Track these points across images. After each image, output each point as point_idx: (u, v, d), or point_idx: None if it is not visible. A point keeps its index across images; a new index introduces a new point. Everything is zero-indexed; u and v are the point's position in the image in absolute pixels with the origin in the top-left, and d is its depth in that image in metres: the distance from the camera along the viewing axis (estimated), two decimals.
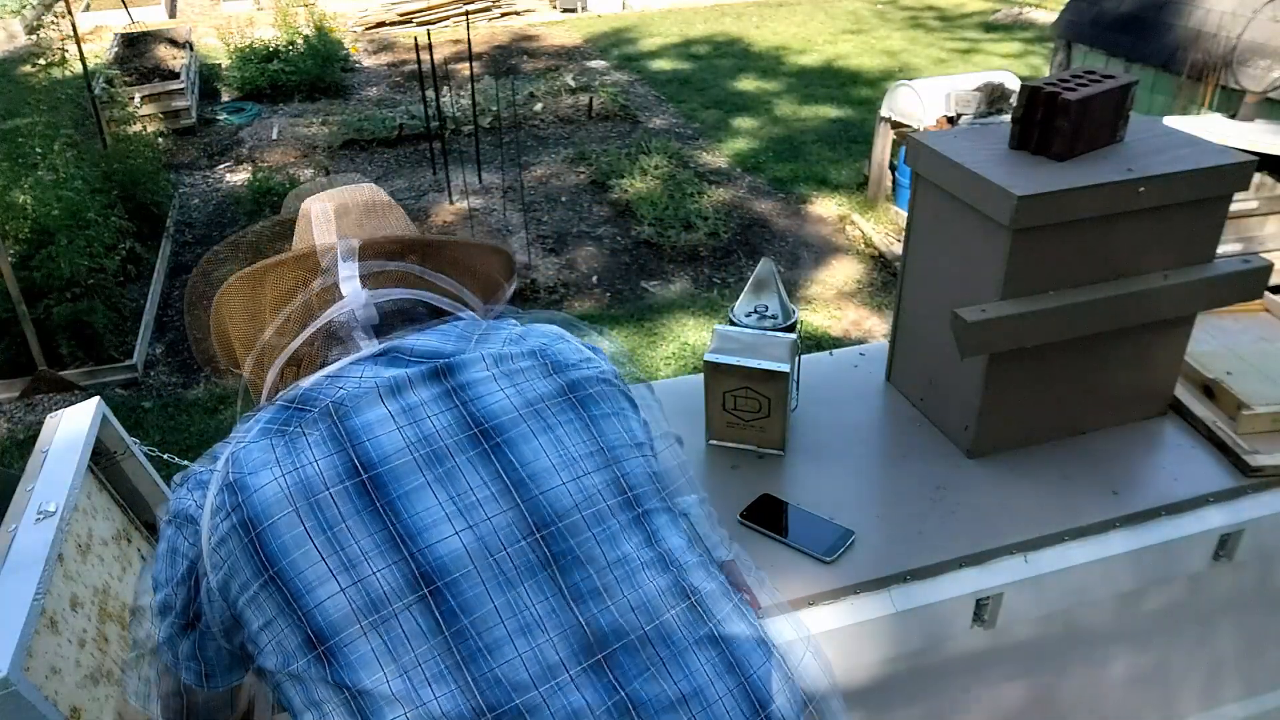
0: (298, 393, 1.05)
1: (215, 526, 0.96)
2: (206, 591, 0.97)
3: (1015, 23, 11.09)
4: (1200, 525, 1.76)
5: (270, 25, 9.66)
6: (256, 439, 1.00)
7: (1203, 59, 5.67)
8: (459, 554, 0.94)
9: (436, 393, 1.04)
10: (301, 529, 0.94)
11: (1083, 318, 1.72)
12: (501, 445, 1.01)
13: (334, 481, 0.96)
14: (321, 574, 0.92)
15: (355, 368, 1.07)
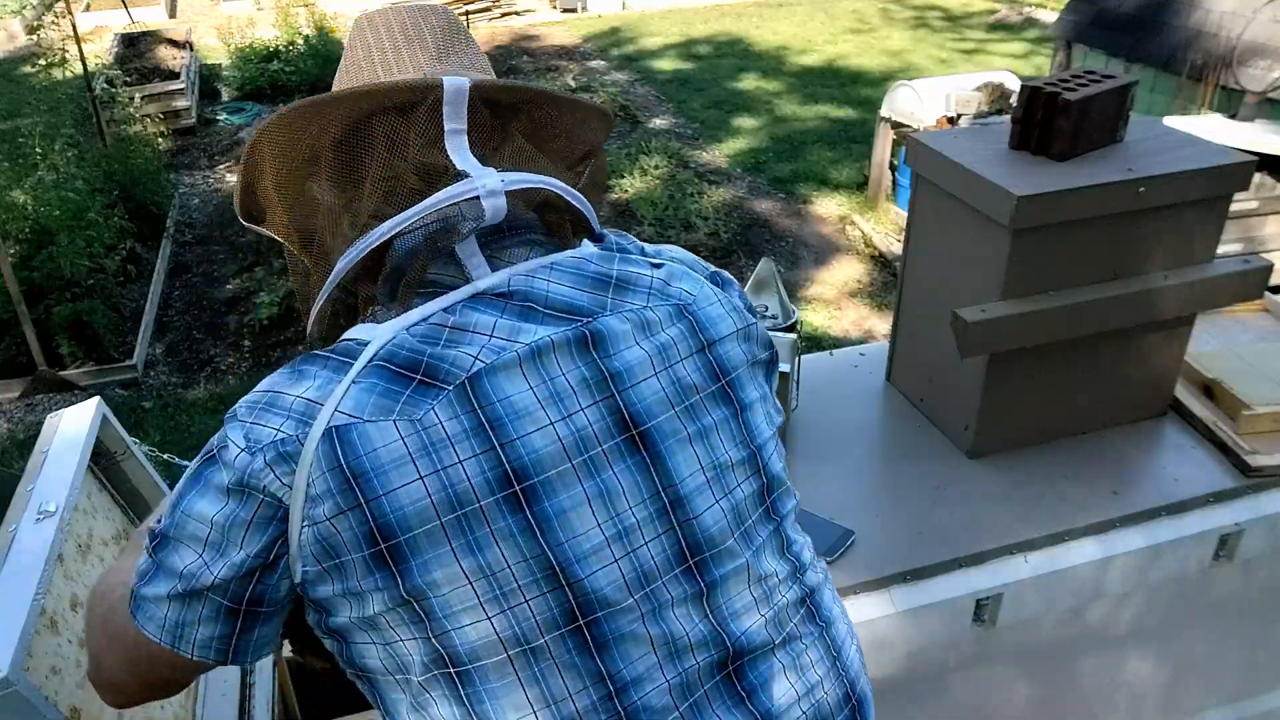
0: (411, 353, 0.86)
1: (320, 501, 0.82)
2: (301, 545, 0.84)
3: (1020, 22, 11.09)
4: (1200, 525, 1.76)
5: (270, 25, 9.67)
6: (375, 415, 0.83)
7: (1203, 59, 5.67)
8: (618, 585, 0.88)
9: (584, 374, 0.90)
10: (448, 549, 0.83)
11: (1083, 318, 1.72)
12: (660, 455, 0.91)
13: (484, 493, 0.84)
14: (467, 600, 0.84)
15: (478, 314, 0.89)
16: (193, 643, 0.88)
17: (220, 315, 5.60)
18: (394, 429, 0.83)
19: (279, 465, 0.83)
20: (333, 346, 0.89)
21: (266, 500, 0.83)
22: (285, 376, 0.88)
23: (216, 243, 6.39)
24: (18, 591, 1.22)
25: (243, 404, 0.87)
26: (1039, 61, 9.67)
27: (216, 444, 0.87)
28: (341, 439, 0.82)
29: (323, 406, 0.84)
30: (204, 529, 0.85)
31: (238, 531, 0.84)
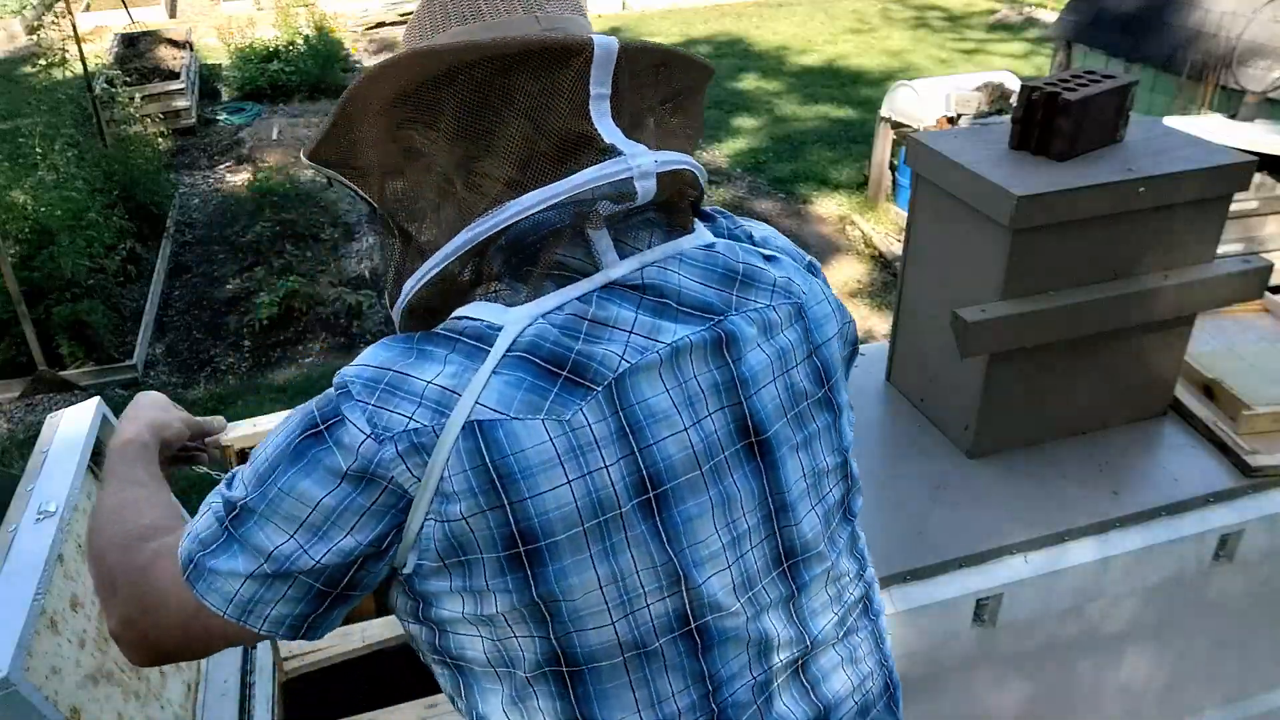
0: (556, 347, 0.81)
1: (455, 499, 0.78)
2: (420, 538, 0.80)
3: (1020, 22, 11.09)
4: (1200, 525, 1.76)
5: (270, 25, 9.67)
6: (522, 412, 0.79)
7: (1203, 59, 5.67)
8: (728, 590, 0.88)
9: (716, 378, 0.87)
10: (587, 555, 0.82)
11: (1083, 318, 1.72)
12: (775, 463, 0.90)
13: (624, 499, 0.82)
14: (595, 605, 0.83)
15: (615, 307, 0.84)
16: (265, 619, 0.84)
17: (220, 315, 5.60)
18: (542, 429, 0.79)
19: (411, 457, 0.78)
20: (454, 326, 0.82)
21: (391, 490, 0.79)
22: (404, 355, 0.81)
23: (216, 243, 6.39)
24: (18, 591, 1.22)
25: (355, 380, 0.80)
26: (1039, 61, 9.67)
27: (323, 418, 0.80)
28: (486, 435, 0.78)
29: (460, 397, 0.78)
30: (304, 510, 0.80)
31: (350, 518, 0.80)
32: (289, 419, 0.83)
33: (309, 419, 0.81)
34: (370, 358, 0.82)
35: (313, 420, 0.80)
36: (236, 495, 0.83)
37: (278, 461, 0.81)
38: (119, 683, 1.43)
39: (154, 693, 1.52)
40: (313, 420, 0.80)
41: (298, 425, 0.81)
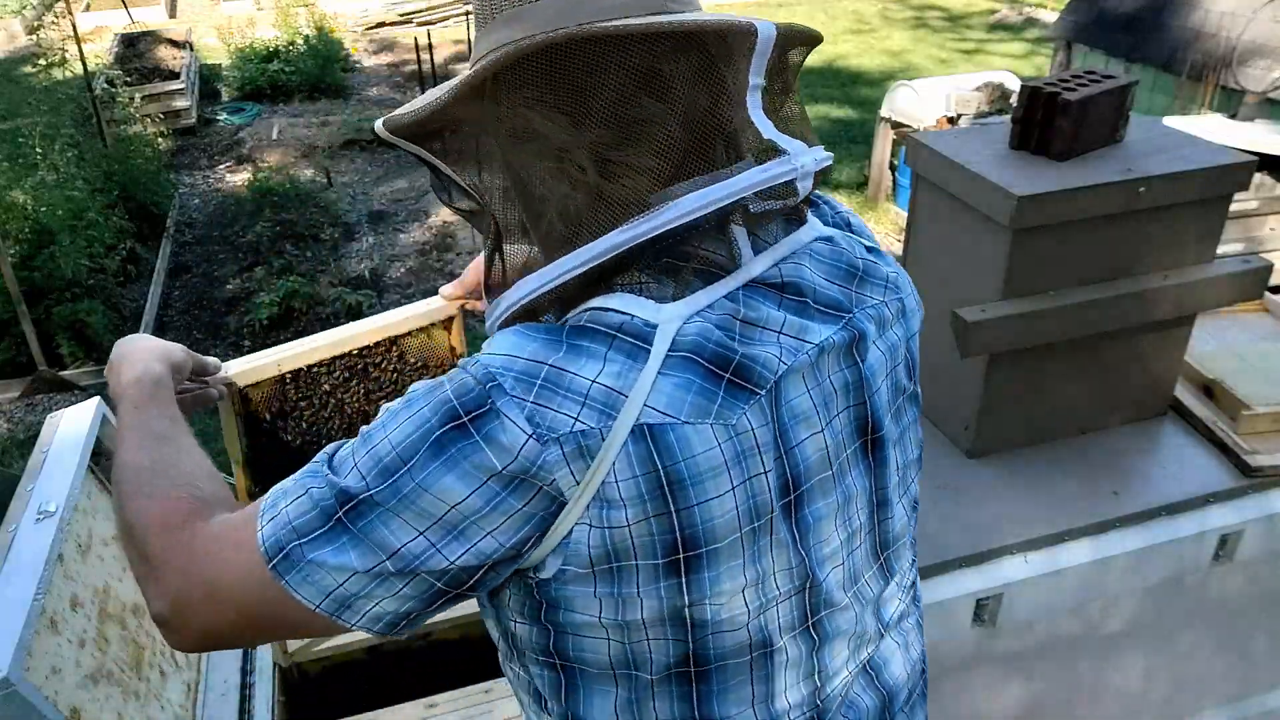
0: (720, 348, 0.77)
1: (619, 505, 0.75)
2: (568, 543, 0.76)
3: (1020, 22, 11.09)
4: (1200, 525, 1.76)
5: (270, 25, 9.67)
6: (693, 416, 0.75)
7: (1203, 59, 5.67)
8: (841, 585, 0.89)
9: (846, 378, 0.86)
10: (740, 561, 0.80)
11: (1083, 318, 1.72)
12: (883, 460, 0.91)
13: (775, 503, 0.81)
14: (737, 608, 0.81)
15: (763, 306, 0.81)
16: (363, 614, 0.78)
17: (220, 315, 5.60)
18: (711, 434, 0.76)
19: (576, 460, 0.73)
20: (606, 321, 0.77)
21: (546, 492, 0.74)
22: (552, 347, 0.75)
23: (216, 243, 6.39)
24: (18, 591, 1.22)
25: (505, 372, 0.74)
26: (1039, 61, 9.67)
27: (467, 410, 0.73)
28: (657, 440, 0.74)
29: (627, 398, 0.73)
30: (441, 508, 0.74)
31: (495, 519, 0.74)
32: (412, 403, 0.76)
33: (449, 409, 0.74)
34: (514, 347, 0.76)
35: (454, 411, 0.74)
36: (353, 486, 0.76)
37: (412, 453, 0.74)
38: (119, 683, 1.43)
39: (154, 693, 1.52)
40: (454, 411, 0.74)
41: (436, 415, 0.74)
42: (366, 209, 6.82)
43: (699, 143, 0.77)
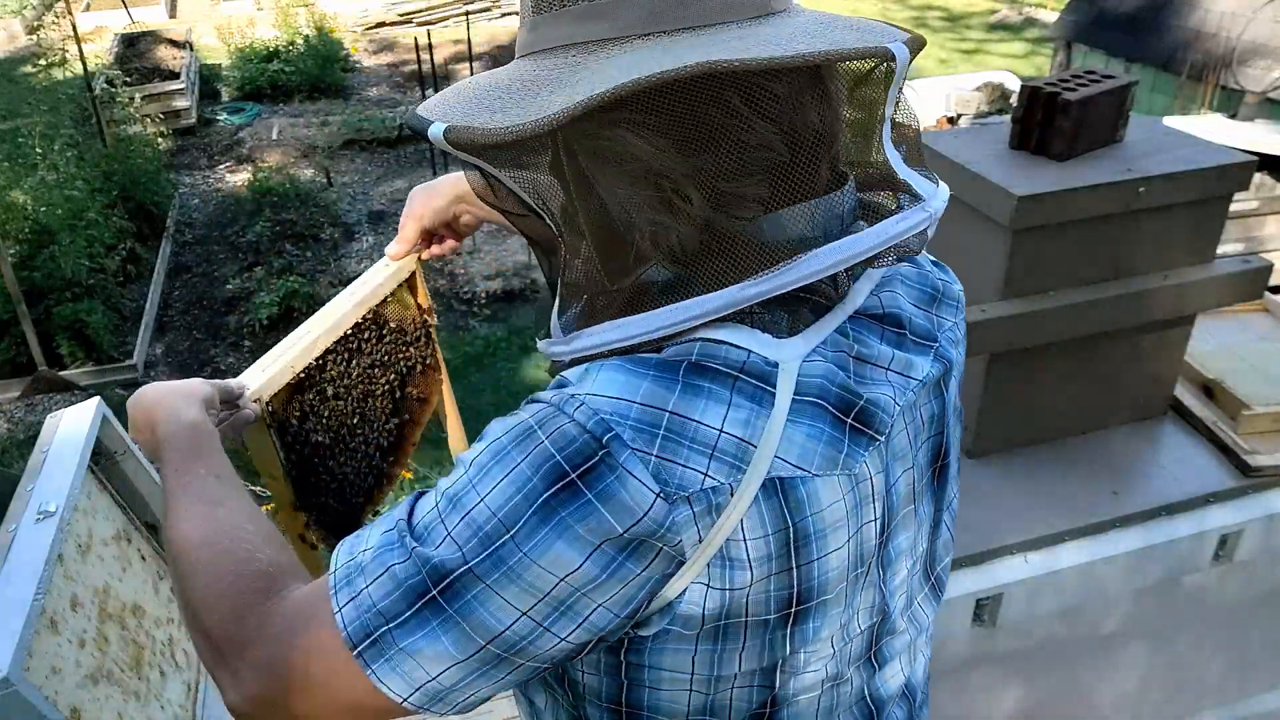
0: (844, 392, 0.72)
1: (746, 566, 0.69)
2: (680, 603, 0.69)
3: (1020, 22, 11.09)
4: (1200, 525, 1.76)
5: (270, 25, 9.67)
6: (823, 468, 0.70)
7: (1203, 59, 5.67)
8: (902, 611, 0.85)
9: (933, 409, 0.83)
10: (840, 609, 0.76)
11: (1083, 318, 1.72)
12: (945, 483, 0.88)
13: (877, 546, 0.77)
14: (825, 653, 0.77)
15: (873, 342, 0.76)
16: (455, 705, 0.70)
17: (220, 315, 5.60)
18: (838, 485, 0.71)
19: (705, 518, 0.66)
20: (722, 358, 0.69)
21: (667, 553, 0.66)
22: (670, 389, 0.67)
23: (216, 243, 6.39)
24: (18, 591, 1.22)
25: (621, 421, 0.65)
26: (1039, 61, 9.67)
27: (576, 466, 0.64)
28: (788, 494, 0.68)
29: (756, 449, 0.67)
30: (551, 581, 0.65)
31: (612, 588, 0.66)
32: (502, 456, 0.67)
33: (553, 468, 0.65)
34: (624, 388, 0.67)
35: (559, 469, 0.65)
36: (448, 559, 0.66)
37: (515, 519, 0.65)
38: (119, 683, 1.43)
39: (154, 693, 1.52)
40: (559, 469, 0.65)
41: (537, 473, 0.65)
42: (366, 209, 6.83)
43: (812, 169, 0.70)
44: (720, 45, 0.65)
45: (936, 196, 0.74)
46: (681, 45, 0.66)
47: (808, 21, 0.71)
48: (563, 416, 0.66)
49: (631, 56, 0.66)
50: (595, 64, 0.67)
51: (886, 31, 0.70)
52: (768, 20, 0.70)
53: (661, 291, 0.70)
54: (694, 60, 0.62)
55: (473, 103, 0.72)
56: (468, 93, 0.75)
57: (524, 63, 0.74)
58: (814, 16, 0.72)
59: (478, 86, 0.75)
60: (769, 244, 0.68)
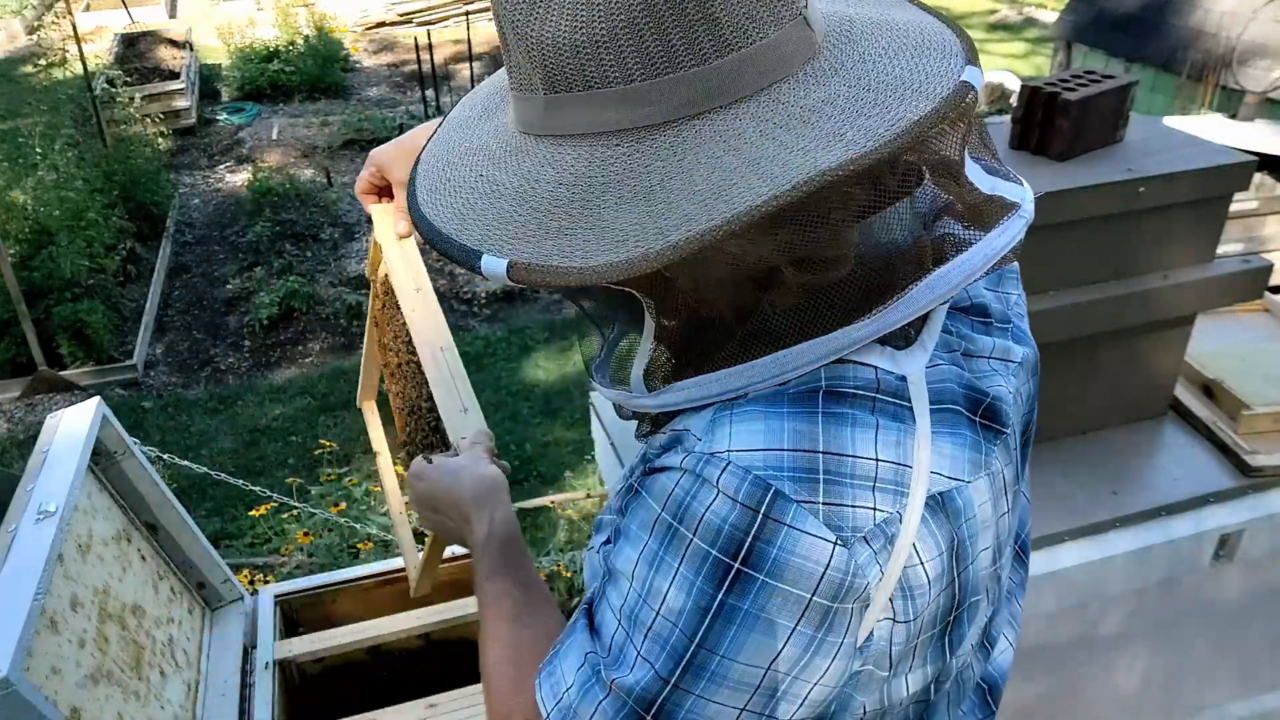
0: (972, 391, 0.71)
1: (923, 592, 0.67)
2: (870, 643, 0.67)
3: (1020, 22, 11.09)
4: (1200, 525, 1.76)
5: (270, 25, 9.66)
6: (973, 473, 0.69)
7: (1203, 59, 5.67)
8: (994, 595, 0.82)
9: (1030, 390, 0.83)
10: (986, 603, 0.75)
11: (1083, 318, 1.72)
12: (1026, 454, 0.87)
13: (1002, 544, 0.76)
14: (967, 654, 0.76)
15: (974, 334, 0.76)
16: None
17: (220, 315, 5.60)
18: (985, 486, 0.70)
19: (884, 553, 0.63)
20: (854, 379, 0.66)
21: (860, 598, 0.64)
22: (813, 424, 0.64)
23: (216, 243, 6.39)
24: (18, 591, 1.22)
25: (777, 474, 0.62)
26: (1039, 61, 9.67)
27: (740, 544, 0.61)
28: (948, 507, 0.67)
29: (911, 469, 0.65)
30: (759, 673, 0.63)
31: (824, 657, 0.63)
32: (657, 562, 0.64)
33: (715, 565, 0.61)
34: (770, 437, 0.63)
35: (721, 565, 0.61)
36: (648, 683, 0.64)
37: (697, 627, 0.62)
38: (119, 683, 1.43)
39: (154, 693, 1.52)
40: (721, 565, 0.61)
41: (700, 575, 0.62)
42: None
43: (904, 213, 0.68)
44: (812, 128, 0.60)
45: (1027, 199, 0.70)
46: (765, 129, 0.60)
47: (863, 58, 0.64)
48: (705, 489, 0.62)
49: (718, 156, 0.60)
50: (664, 164, 0.61)
51: (940, 41, 0.65)
52: (819, 64, 0.63)
53: (767, 339, 0.66)
54: (812, 171, 0.57)
55: (520, 217, 0.64)
56: (497, 192, 0.66)
57: (547, 149, 0.65)
58: (861, 50, 0.65)
59: (503, 187, 0.66)
60: (873, 286, 0.65)
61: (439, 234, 0.67)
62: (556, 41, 0.60)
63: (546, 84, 0.63)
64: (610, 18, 0.58)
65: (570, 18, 0.59)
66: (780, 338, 0.65)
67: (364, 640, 1.84)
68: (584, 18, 0.59)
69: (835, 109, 0.61)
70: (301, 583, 1.98)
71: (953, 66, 0.63)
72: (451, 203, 0.69)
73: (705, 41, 0.59)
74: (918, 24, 0.68)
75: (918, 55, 0.64)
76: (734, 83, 0.61)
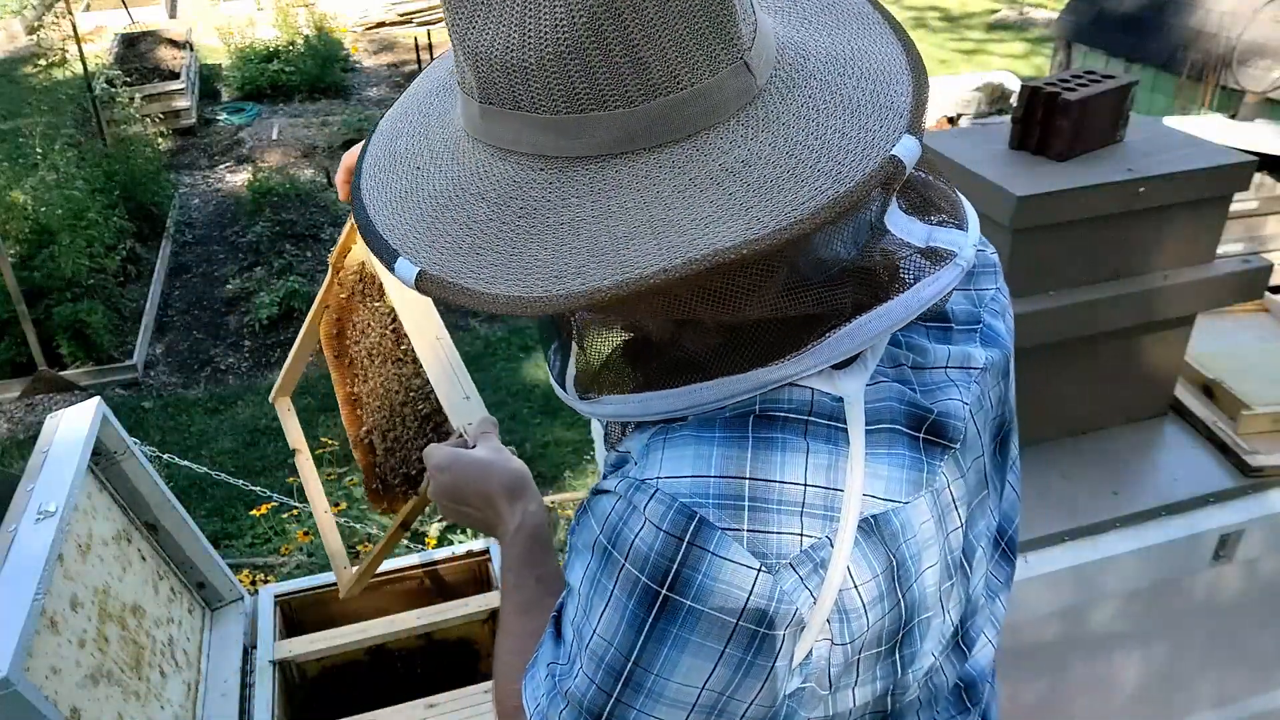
0: (914, 408, 0.70)
1: (859, 615, 0.67)
2: (807, 663, 0.68)
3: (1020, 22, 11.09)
4: (1200, 525, 1.76)
5: (270, 25, 9.66)
6: (910, 493, 0.68)
7: (1203, 59, 5.67)
8: (978, 592, 0.84)
9: (1001, 392, 0.81)
10: (940, 618, 0.75)
11: (1083, 318, 1.72)
12: (1006, 450, 0.86)
13: (964, 547, 0.77)
14: (927, 664, 0.77)
15: (925, 343, 0.74)
16: None
17: (220, 315, 5.60)
18: (925, 505, 0.69)
19: (812, 579, 0.64)
20: (787, 401, 0.66)
21: (792, 622, 0.64)
22: (743, 449, 0.65)
23: (216, 243, 6.39)
24: (18, 591, 1.22)
25: (703, 501, 0.62)
26: (1039, 61, 9.67)
27: (667, 570, 0.62)
28: (883, 529, 0.66)
29: (843, 493, 0.65)
30: (694, 692, 0.64)
31: (755, 680, 0.64)
32: (594, 582, 0.66)
33: (644, 590, 0.63)
34: (694, 463, 0.64)
35: (650, 590, 0.63)
36: (590, 694, 0.67)
37: (631, 647, 0.64)
38: (119, 683, 1.43)
39: (154, 693, 1.52)
40: (650, 590, 0.63)
41: (632, 598, 0.63)
42: None
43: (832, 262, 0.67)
44: (723, 194, 0.59)
45: (965, 247, 0.70)
46: (681, 184, 0.60)
47: (798, 114, 0.62)
48: (635, 515, 0.63)
49: (628, 209, 0.59)
50: (580, 203, 0.61)
51: (888, 96, 0.63)
52: (755, 111, 0.62)
53: (688, 369, 0.67)
54: (706, 250, 0.56)
55: (440, 224, 0.64)
56: (427, 193, 0.67)
57: (480, 156, 0.65)
58: (801, 99, 0.63)
59: (434, 189, 0.66)
60: (792, 329, 0.65)
61: (369, 222, 0.68)
62: (490, 58, 0.60)
63: (481, 93, 0.63)
64: (539, 48, 0.58)
65: (504, 38, 0.59)
66: (700, 369, 0.66)
67: (364, 640, 1.84)
68: (515, 42, 0.58)
69: (752, 174, 0.59)
70: (301, 583, 1.98)
71: (890, 130, 0.61)
72: (389, 192, 0.69)
73: (631, 84, 0.58)
74: (875, 62, 0.65)
75: (855, 115, 0.62)
76: (660, 127, 0.60)
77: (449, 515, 1.00)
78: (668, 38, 0.57)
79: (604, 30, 0.56)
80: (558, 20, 0.57)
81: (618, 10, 0.56)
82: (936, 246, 0.69)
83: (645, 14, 0.56)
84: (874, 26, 0.69)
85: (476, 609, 1.88)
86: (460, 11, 0.61)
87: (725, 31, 0.59)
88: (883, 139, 0.60)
